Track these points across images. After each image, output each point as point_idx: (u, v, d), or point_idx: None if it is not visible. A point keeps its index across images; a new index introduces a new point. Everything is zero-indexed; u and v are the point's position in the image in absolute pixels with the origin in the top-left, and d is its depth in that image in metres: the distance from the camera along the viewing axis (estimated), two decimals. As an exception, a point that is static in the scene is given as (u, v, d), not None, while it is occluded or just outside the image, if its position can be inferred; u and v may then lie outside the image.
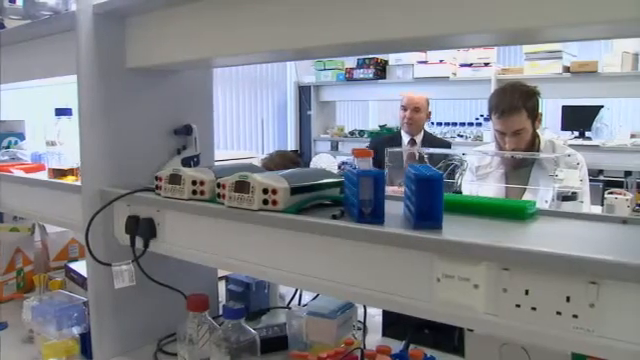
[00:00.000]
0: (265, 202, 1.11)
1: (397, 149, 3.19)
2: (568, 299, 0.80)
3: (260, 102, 6.14)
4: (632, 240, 0.99)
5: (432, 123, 5.43)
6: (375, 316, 1.72)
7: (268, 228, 1.12)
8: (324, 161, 4.82)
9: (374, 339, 1.65)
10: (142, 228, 1.39)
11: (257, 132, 6.03)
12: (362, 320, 1.63)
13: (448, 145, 3.98)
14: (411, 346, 1.48)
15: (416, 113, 3.89)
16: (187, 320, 1.34)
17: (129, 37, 1.53)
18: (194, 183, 1.27)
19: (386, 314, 1.67)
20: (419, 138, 3.92)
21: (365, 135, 5.64)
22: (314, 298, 1.61)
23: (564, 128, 5.40)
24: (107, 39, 1.48)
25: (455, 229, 0.96)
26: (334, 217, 1.05)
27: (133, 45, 1.52)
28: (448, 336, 1.51)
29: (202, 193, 1.27)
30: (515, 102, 2.23)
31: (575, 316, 0.80)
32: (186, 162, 1.66)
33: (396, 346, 1.45)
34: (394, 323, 1.66)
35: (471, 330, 1.22)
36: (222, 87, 5.57)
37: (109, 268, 1.43)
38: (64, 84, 1.83)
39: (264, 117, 6.11)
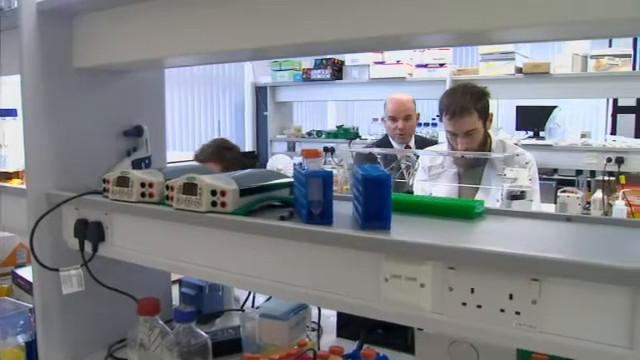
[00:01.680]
0: (214, 204, 1.10)
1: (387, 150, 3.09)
2: (511, 296, 0.82)
3: (217, 102, 6.10)
4: (575, 237, 1.02)
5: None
6: (330, 317, 1.73)
7: (217, 230, 1.11)
8: (281, 162, 4.81)
9: (329, 340, 1.65)
10: (91, 232, 1.37)
11: (214, 133, 5.98)
12: (316, 321, 1.64)
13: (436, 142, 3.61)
14: (365, 346, 1.49)
15: (408, 122, 3.53)
16: (138, 325, 1.32)
17: (77, 36, 1.50)
18: (143, 185, 1.26)
19: (340, 315, 1.68)
20: (412, 142, 3.59)
21: (322, 136, 5.65)
22: (267, 300, 1.60)
23: (519, 128, 5.52)
24: (52, 38, 1.45)
25: (403, 229, 0.97)
26: (282, 218, 1.05)
27: (81, 44, 1.49)
28: (401, 335, 1.53)
29: (151, 195, 1.25)
30: (466, 103, 2.26)
31: (518, 313, 0.82)
32: (137, 164, 1.64)
33: (350, 346, 1.47)
34: (348, 323, 1.67)
35: (421, 329, 1.24)
36: (177, 87, 5.52)
37: (57, 273, 1.40)
38: (10, 84, 1.78)
39: (221, 118, 6.07)
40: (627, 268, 0.74)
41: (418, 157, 1.72)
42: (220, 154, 3.11)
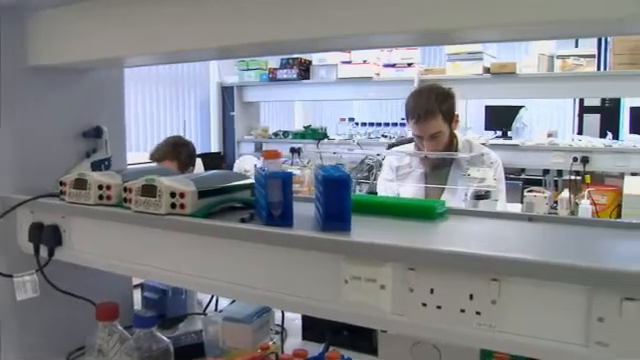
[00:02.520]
0: (173, 206, 1.10)
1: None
2: (471, 297, 0.83)
3: (182, 102, 6.05)
4: (535, 237, 1.04)
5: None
6: (295, 319, 1.73)
7: (176, 232, 1.11)
8: (248, 163, 4.80)
9: (294, 343, 1.65)
10: (46, 235, 1.34)
11: (179, 133, 5.92)
12: (280, 324, 1.64)
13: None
14: (330, 348, 1.49)
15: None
16: (97, 330, 1.30)
17: (31, 33, 1.47)
18: (100, 188, 1.24)
19: (305, 317, 1.68)
20: None
21: (289, 136, 5.64)
22: (231, 303, 1.60)
23: (487, 128, 5.58)
24: (4, 35, 1.42)
25: (364, 230, 0.98)
26: (242, 220, 1.05)
27: (36, 42, 1.46)
28: (366, 337, 1.53)
29: (109, 198, 1.24)
30: (431, 106, 2.28)
31: (478, 313, 0.83)
32: (96, 166, 1.62)
33: (316, 349, 1.47)
34: (313, 326, 1.67)
35: (384, 331, 1.25)
36: (141, 86, 5.45)
37: (10, 279, 1.37)
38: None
39: (186, 118, 6.02)
40: (583, 267, 0.76)
41: (381, 156, 1.73)
42: (176, 152, 3.11)
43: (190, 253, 1.11)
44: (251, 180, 1.25)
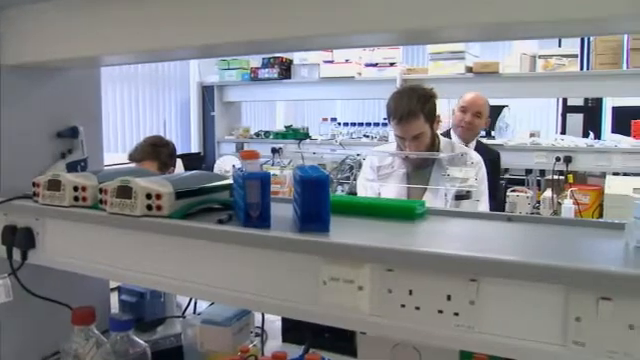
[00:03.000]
0: (149, 207, 1.09)
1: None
2: (449, 297, 0.84)
3: (162, 102, 6.01)
4: (514, 237, 1.05)
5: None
6: (275, 321, 1.73)
7: (153, 234, 1.10)
8: (228, 164, 4.79)
9: (274, 345, 1.65)
10: (19, 238, 1.33)
11: (159, 133, 5.89)
12: (261, 326, 1.63)
13: (497, 155, 3.55)
14: (311, 350, 1.50)
15: (477, 118, 3.41)
16: (73, 335, 1.29)
17: (4, 32, 1.45)
18: (75, 189, 1.23)
19: (285, 319, 1.68)
20: (472, 146, 3.38)
21: (271, 136, 5.63)
22: (210, 305, 1.59)
23: (470, 128, 5.61)
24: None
25: (343, 231, 0.98)
26: (220, 222, 1.05)
27: (9, 40, 1.45)
28: (347, 339, 1.54)
29: (84, 200, 1.23)
30: (412, 107, 2.29)
31: (456, 314, 0.84)
32: (72, 167, 1.60)
33: (296, 351, 1.47)
34: (294, 328, 1.67)
35: (364, 333, 1.25)
36: (120, 86, 5.41)
37: (-17, 283, 1.36)
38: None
39: (166, 118, 5.98)
40: (559, 267, 0.77)
41: (361, 157, 1.73)
42: (156, 152, 3.09)
43: (167, 255, 1.11)
44: (230, 181, 1.25)
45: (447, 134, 3.43)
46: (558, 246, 0.98)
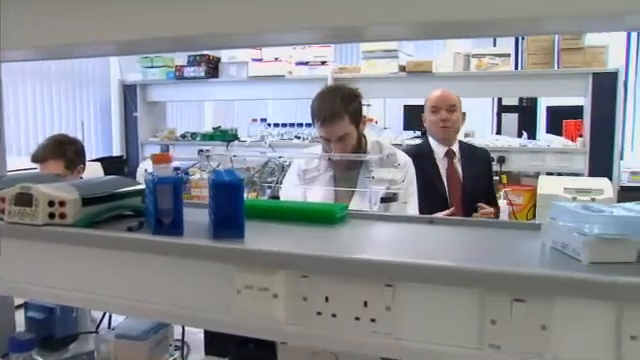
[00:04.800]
0: (51, 215, 1.06)
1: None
2: (366, 304, 0.86)
3: (80, 102, 5.85)
4: (434, 241, 1.08)
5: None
6: (197, 333, 1.71)
7: (56, 245, 1.07)
8: (152, 167, 4.70)
9: (196, 358, 1.64)
10: None
11: (76, 136, 5.74)
12: (181, 338, 1.62)
13: (487, 155, 3.34)
14: (234, 363, 1.49)
15: (451, 113, 3.12)
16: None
17: None
18: (-30, 197, 1.18)
19: (208, 330, 1.67)
20: (456, 148, 3.17)
21: (198, 138, 5.57)
22: (126, 318, 1.56)
23: (406, 128, 5.70)
24: None
25: (259, 237, 0.98)
26: (130, 229, 1.03)
27: None
28: (272, 350, 1.54)
29: (-19, 208, 1.18)
30: (336, 108, 2.30)
31: (373, 320, 0.86)
32: (-30, 173, 1.55)
33: (219, 364, 1.46)
34: (217, 339, 1.66)
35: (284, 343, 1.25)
36: (32, 84, 5.23)
37: None
38: None
39: (85, 119, 5.83)
40: (474, 270, 0.79)
41: (283, 159, 1.73)
42: (61, 150, 2.99)
43: (74, 267, 1.08)
44: (142, 186, 1.23)
45: (425, 143, 3.29)
46: (476, 249, 1.02)
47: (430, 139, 3.20)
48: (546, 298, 0.77)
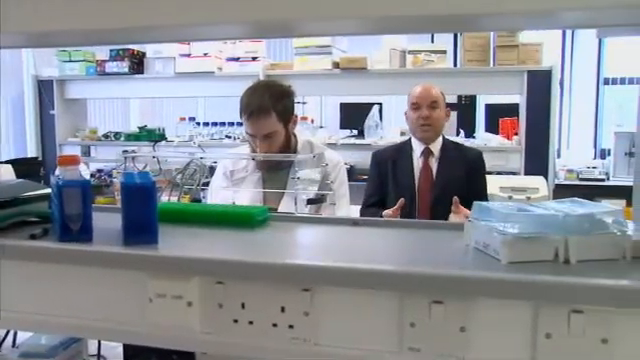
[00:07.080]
0: (-54, 223, 1.03)
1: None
2: (283, 309, 0.86)
3: (-12, 99, 5.65)
4: (357, 243, 1.09)
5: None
6: (117, 347, 1.69)
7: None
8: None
9: (114, 373, 1.61)
10: None
11: (-15, 135, 5.55)
12: (97, 353, 1.59)
13: (479, 154, 3.18)
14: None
15: (434, 110, 3.02)
16: None
17: None
18: None
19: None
20: (437, 147, 3.06)
21: (122, 138, 5.46)
22: (32, 336, 1.53)
23: (343, 127, 5.74)
24: None
25: (173, 242, 0.98)
26: (33, 237, 1.01)
27: None
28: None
29: None
30: (264, 104, 2.30)
31: (291, 326, 0.87)
32: None
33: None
34: (138, 352, 1.63)
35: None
36: None
37: None
38: None
39: (-5, 117, 5.64)
40: (391, 272, 0.81)
41: (205, 159, 1.71)
42: None
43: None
44: (49, 190, 1.20)
45: (408, 142, 3.17)
46: (398, 250, 1.04)
47: (414, 142, 3.11)
48: (464, 299, 0.80)
